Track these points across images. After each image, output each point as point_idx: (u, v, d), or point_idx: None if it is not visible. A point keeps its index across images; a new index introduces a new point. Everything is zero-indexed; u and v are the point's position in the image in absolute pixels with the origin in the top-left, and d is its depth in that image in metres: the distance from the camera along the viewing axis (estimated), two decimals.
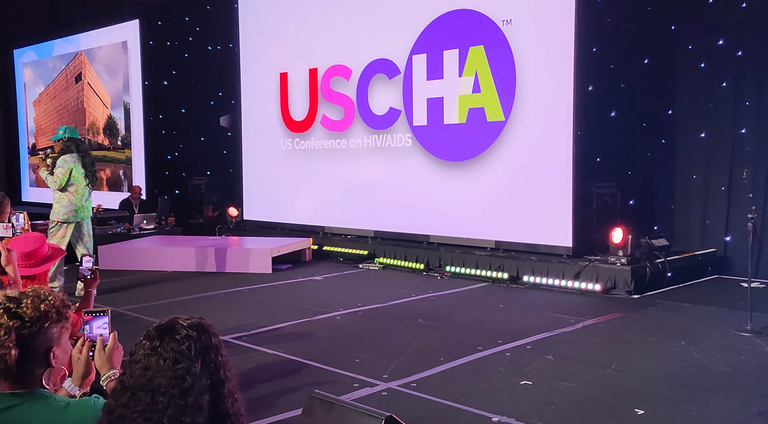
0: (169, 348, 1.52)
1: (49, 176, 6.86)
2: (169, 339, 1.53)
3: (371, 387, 4.22)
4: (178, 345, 1.52)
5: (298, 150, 10.03)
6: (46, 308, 1.86)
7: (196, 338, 1.54)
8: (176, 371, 1.49)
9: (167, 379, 1.49)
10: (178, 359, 1.50)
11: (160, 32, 12.49)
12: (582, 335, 5.39)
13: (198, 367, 1.51)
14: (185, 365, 1.50)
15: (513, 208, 7.70)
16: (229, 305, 6.70)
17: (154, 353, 1.52)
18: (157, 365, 1.50)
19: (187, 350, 1.52)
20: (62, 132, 7.03)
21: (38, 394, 1.84)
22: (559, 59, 7.20)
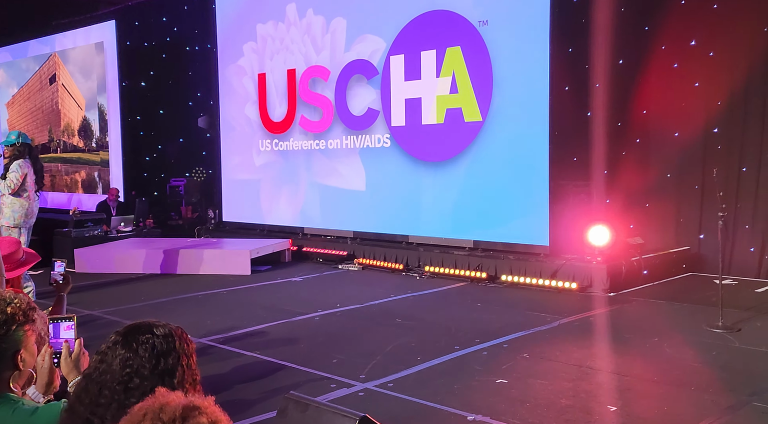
0: (127, 346, 1.52)
1: (2, 181, 6.74)
2: (131, 338, 1.54)
3: (348, 388, 4.23)
4: (136, 345, 1.52)
5: (276, 151, 10.02)
6: (12, 310, 1.85)
7: (157, 341, 1.54)
8: (124, 369, 1.49)
9: (115, 375, 1.49)
10: (130, 358, 1.50)
11: (137, 33, 12.38)
12: (558, 333, 5.46)
13: (148, 370, 1.50)
14: (135, 365, 1.50)
15: (491, 207, 7.76)
16: (208, 306, 6.68)
17: (111, 349, 1.53)
18: (111, 360, 1.51)
19: (142, 351, 1.52)
20: (15, 137, 6.89)
21: (6, 398, 1.83)
22: (535, 59, 7.27)
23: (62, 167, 13.73)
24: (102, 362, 1.53)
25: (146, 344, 1.53)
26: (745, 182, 7.39)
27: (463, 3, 7.82)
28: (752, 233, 7.34)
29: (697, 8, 7.59)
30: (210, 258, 8.53)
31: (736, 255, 7.39)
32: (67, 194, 13.47)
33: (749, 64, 7.27)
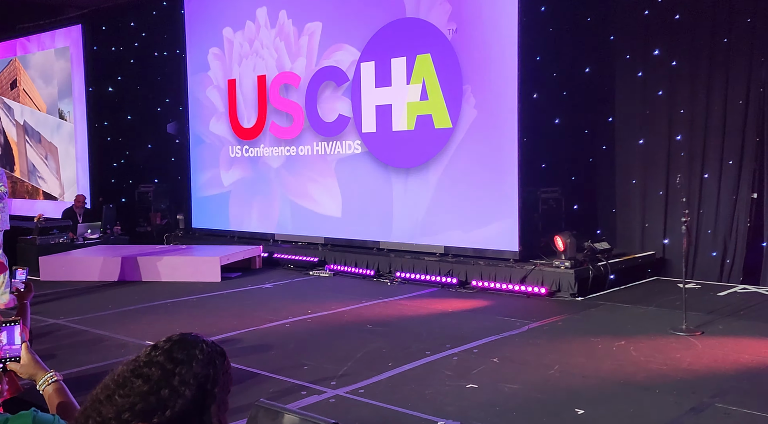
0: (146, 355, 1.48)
1: None
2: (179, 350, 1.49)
3: (319, 394, 4.23)
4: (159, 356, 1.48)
5: (247, 157, 9.97)
6: None
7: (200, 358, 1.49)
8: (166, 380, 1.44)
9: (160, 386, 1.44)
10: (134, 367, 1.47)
11: (104, 37, 12.22)
12: (527, 337, 5.52)
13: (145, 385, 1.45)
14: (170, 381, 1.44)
15: (461, 213, 7.83)
16: (177, 314, 6.61)
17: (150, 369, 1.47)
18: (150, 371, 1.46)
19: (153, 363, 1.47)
20: None
21: None
22: (504, 67, 7.37)
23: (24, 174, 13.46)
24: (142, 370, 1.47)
25: (193, 363, 1.47)
26: (707, 188, 7.57)
27: (433, 11, 7.90)
28: (714, 238, 7.53)
29: (660, 19, 7.78)
30: (179, 265, 8.44)
31: (699, 259, 7.56)
32: (31, 201, 13.20)
33: (710, 74, 7.48)
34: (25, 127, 13.35)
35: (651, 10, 7.84)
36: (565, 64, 8.19)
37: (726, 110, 7.40)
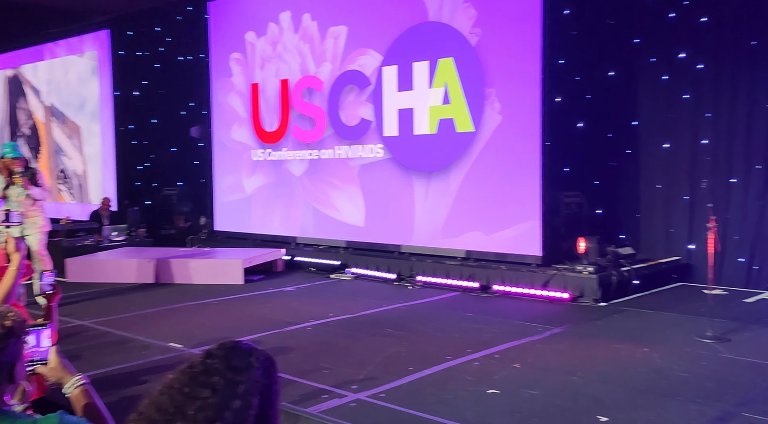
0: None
1: (36, 188, 7.02)
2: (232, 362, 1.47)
3: (340, 398, 4.24)
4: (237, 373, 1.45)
5: (269, 161, 10.04)
6: (11, 324, 1.87)
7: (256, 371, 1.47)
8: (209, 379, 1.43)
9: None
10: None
11: (130, 42, 12.41)
12: (549, 343, 5.48)
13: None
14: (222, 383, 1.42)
15: (483, 217, 7.80)
16: (199, 316, 6.67)
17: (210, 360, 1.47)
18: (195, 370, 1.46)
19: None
20: (18, 149, 7.22)
21: (4, 412, 1.84)
22: (527, 71, 7.34)
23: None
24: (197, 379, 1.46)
25: (246, 370, 1.46)
26: (733, 193, 7.46)
27: (456, 15, 7.89)
28: (741, 244, 7.41)
29: (686, 22, 7.69)
30: (202, 267, 8.52)
31: (725, 265, 7.45)
32: (58, 203, 13.43)
33: (736, 77, 7.37)
34: (51, 108, 13.61)
35: (676, 13, 7.76)
36: (588, 68, 8.13)
37: (753, 113, 7.28)
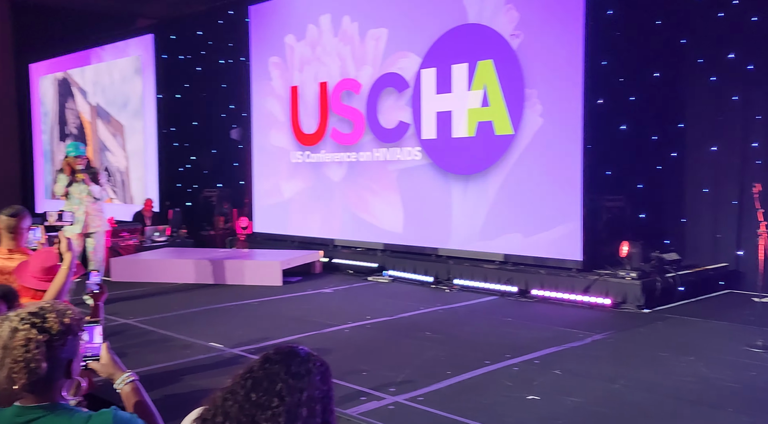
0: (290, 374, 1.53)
1: (98, 187, 7.23)
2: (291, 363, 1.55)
3: (378, 400, 4.22)
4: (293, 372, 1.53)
5: (308, 163, 10.10)
6: (69, 321, 1.92)
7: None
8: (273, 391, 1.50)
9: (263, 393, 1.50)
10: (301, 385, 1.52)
11: (173, 46, 12.65)
12: (590, 349, 5.37)
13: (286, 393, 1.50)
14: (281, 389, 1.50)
15: (522, 221, 7.70)
16: (239, 317, 6.73)
17: (266, 365, 1.54)
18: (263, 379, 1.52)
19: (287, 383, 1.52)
20: (79, 147, 7.36)
21: (62, 406, 1.89)
22: (569, 72, 7.22)
23: None
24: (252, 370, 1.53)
25: (300, 374, 1.53)
26: None
27: (496, 17, 7.82)
28: None
29: (736, 21, 7.47)
30: (242, 269, 8.61)
31: None
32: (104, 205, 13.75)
33: None
34: (97, 108, 13.98)
35: (725, 13, 7.54)
36: (632, 69, 7.96)
37: None
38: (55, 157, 15.14)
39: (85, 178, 7.18)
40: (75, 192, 7.18)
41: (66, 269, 3.35)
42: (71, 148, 7.32)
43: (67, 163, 7.22)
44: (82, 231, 7.16)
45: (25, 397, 1.86)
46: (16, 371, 1.82)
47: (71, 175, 7.18)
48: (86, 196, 7.20)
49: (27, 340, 1.84)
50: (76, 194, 7.18)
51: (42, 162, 15.83)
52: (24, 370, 1.82)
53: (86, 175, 7.21)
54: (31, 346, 1.83)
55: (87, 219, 7.21)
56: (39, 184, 16.01)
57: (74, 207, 7.13)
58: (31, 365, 1.82)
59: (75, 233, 7.05)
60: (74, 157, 7.23)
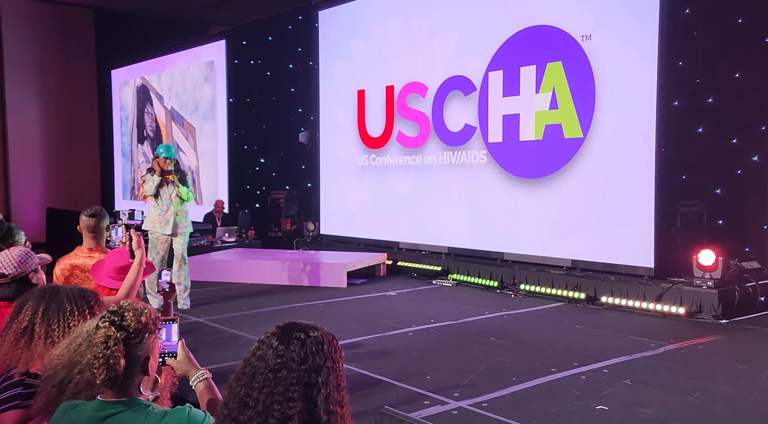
0: (282, 340, 1.69)
1: (186, 189, 7.19)
2: (287, 334, 1.71)
3: (442, 405, 4.20)
4: (290, 340, 1.68)
5: (374, 166, 10.17)
6: (146, 320, 2.00)
7: (309, 340, 1.69)
8: (276, 359, 1.65)
9: (268, 363, 1.65)
10: (282, 350, 1.66)
11: (244, 51, 12.99)
12: (663, 360, 5.19)
13: (296, 364, 1.65)
14: (286, 358, 1.65)
15: (591, 226, 7.51)
16: (304, 318, 6.79)
17: (268, 339, 1.71)
18: (266, 349, 1.69)
19: (294, 347, 1.67)
20: (170, 149, 7.37)
21: (139, 402, 1.97)
22: (642, 74, 7.01)
23: None
24: (259, 349, 1.69)
25: (298, 341, 1.68)
26: None
27: (566, 18, 7.67)
28: None
29: None
30: (308, 270, 8.75)
31: None
32: None
33: None
34: (172, 112, 14.52)
35: None
36: (710, 70, 7.64)
37: None
38: (134, 159, 15.81)
39: (174, 179, 7.16)
40: (164, 193, 7.15)
41: (137, 266, 3.45)
42: (162, 150, 7.27)
43: (157, 164, 7.19)
44: (172, 232, 7.15)
45: (105, 392, 1.95)
46: (97, 367, 1.91)
47: (161, 176, 7.15)
48: (175, 197, 7.17)
49: (106, 337, 1.93)
50: (165, 196, 7.15)
51: (121, 164, 16.54)
52: (103, 366, 1.90)
53: (175, 176, 7.18)
54: (110, 343, 1.92)
55: (176, 220, 7.17)
56: (117, 185, 16.74)
57: (164, 208, 7.13)
58: (110, 362, 1.90)
59: (165, 234, 7.11)
60: (164, 159, 7.17)
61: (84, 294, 2.56)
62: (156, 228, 7.14)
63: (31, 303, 2.45)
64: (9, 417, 2.32)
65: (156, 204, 7.16)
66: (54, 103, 15.54)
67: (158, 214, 7.15)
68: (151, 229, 7.15)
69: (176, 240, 7.24)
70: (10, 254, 2.95)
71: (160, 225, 7.13)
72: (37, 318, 2.40)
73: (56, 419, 1.99)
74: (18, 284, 2.91)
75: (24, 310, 2.44)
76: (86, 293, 2.59)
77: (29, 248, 4.86)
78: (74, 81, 15.78)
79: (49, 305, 2.44)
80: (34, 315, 2.41)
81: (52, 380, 2.05)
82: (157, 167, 7.19)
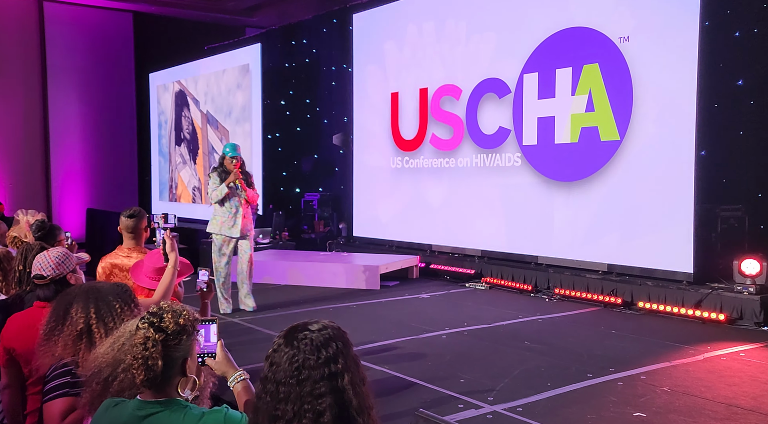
0: (289, 345, 1.72)
1: (250, 192, 7.08)
2: (291, 338, 1.74)
3: (476, 409, 4.19)
4: (297, 342, 1.72)
5: (407, 168, 10.17)
6: (184, 321, 2.04)
7: (313, 335, 1.73)
8: (292, 365, 1.68)
9: (287, 372, 1.68)
10: (294, 355, 1.69)
11: (279, 54, 13.12)
12: (703, 367, 5.08)
13: (313, 361, 1.68)
14: (300, 359, 1.68)
15: (628, 230, 7.40)
16: (338, 319, 6.83)
17: (277, 351, 1.73)
18: (279, 360, 1.71)
19: (303, 346, 1.71)
20: (236, 148, 7.19)
21: (177, 402, 2.01)
22: (681, 75, 6.89)
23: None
24: (272, 364, 1.72)
25: (306, 339, 1.71)
26: None
27: (604, 19, 7.58)
28: None
29: None
30: (341, 272, 8.79)
31: None
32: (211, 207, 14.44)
33: None
34: (207, 115, 14.75)
35: None
36: (754, 71, 7.46)
37: None
38: (172, 159, 16.08)
39: (240, 181, 6.98)
40: (231, 196, 6.99)
41: (171, 269, 3.48)
42: (228, 149, 7.05)
43: (221, 164, 7.01)
44: (240, 235, 7.02)
45: (145, 392, 2.00)
46: (136, 368, 1.95)
47: (228, 175, 6.98)
48: (243, 199, 7.03)
49: (145, 338, 1.97)
50: (232, 198, 6.99)
51: (158, 164, 16.84)
52: (142, 367, 1.95)
53: (240, 179, 6.98)
54: (149, 344, 1.96)
55: (243, 223, 7.04)
56: (155, 186, 17.03)
57: (232, 210, 6.98)
58: (149, 363, 1.95)
59: (233, 236, 7.03)
60: (231, 158, 6.98)
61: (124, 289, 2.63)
62: (223, 231, 7.03)
63: (79, 305, 2.51)
64: (57, 405, 2.40)
65: (222, 207, 7.02)
66: (94, 106, 15.91)
67: (225, 217, 7.03)
68: (217, 232, 7.06)
69: (243, 243, 7.12)
70: (48, 256, 3.01)
71: (227, 228, 7.02)
72: (92, 320, 2.47)
73: (99, 416, 2.04)
74: (56, 285, 2.97)
75: (74, 312, 2.49)
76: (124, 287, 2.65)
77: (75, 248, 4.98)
78: (114, 84, 16.14)
79: (98, 304, 2.51)
80: (88, 317, 2.48)
81: (97, 378, 2.11)
82: (229, 165, 6.98)
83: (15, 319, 2.94)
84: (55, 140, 15.43)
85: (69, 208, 15.55)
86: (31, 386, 2.79)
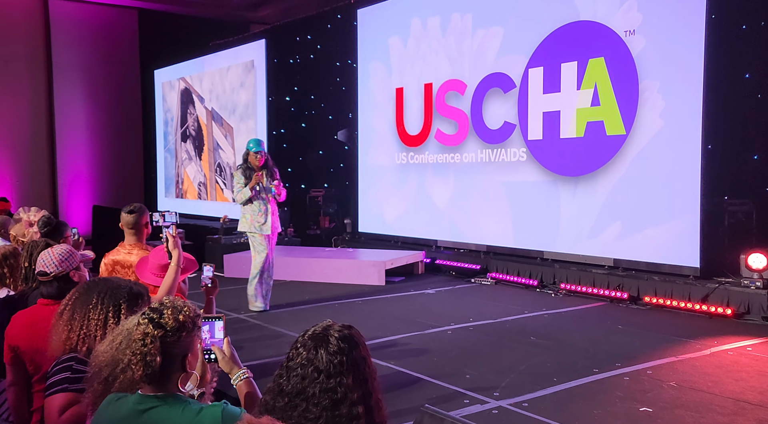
0: (325, 360, 1.66)
1: (272, 187, 6.94)
2: (324, 351, 1.68)
3: (482, 404, 4.18)
4: (332, 358, 1.67)
5: (412, 164, 10.16)
6: (184, 318, 2.04)
7: (347, 351, 1.68)
8: (329, 383, 1.64)
9: (321, 390, 1.64)
10: (331, 373, 1.65)
11: (283, 50, 13.10)
12: (710, 362, 5.06)
13: (349, 380, 1.64)
14: (338, 378, 1.64)
15: (634, 225, 7.37)
16: (343, 315, 6.88)
17: (309, 364, 1.68)
18: (312, 376, 1.66)
19: (339, 365, 1.66)
20: (260, 143, 7.02)
21: (176, 397, 2.01)
22: (687, 69, 6.84)
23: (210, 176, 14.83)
24: (303, 378, 1.69)
25: (340, 356, 1.69)
26: None
27: (609, 13, 7.54)
28: None
29: None
30: (346, 268, 8.79)
31: None
32: (218, 203, 14.48)
33: None
34: (212, 112, 14.77)
35: None
36: (761, 64, 7.41)
37: None
38: (178, 155, 16.11)
39: (263, 177, 6.81)
40: (256, 196, 6.89)
41: (174, 267, 3.48)
42: (252, 144, 6.88)
43: (245, 160, 6.90)
44: (271, 232, 6.90)
45: (144, 386, 2.00)
46: (134, 364, 1.96)
47: (254, 171, 6.82)
48: (270, 196, 6.92)
49: (144, 334, 1.98)
50: (259, 195, 6.91)
51: (164, 161, 16.86)
52: (140, 363, 1.96)
53: (264, 174, 6.82)
54: (147, 340, 1.97)
55: (272, 220, 6.92)
56: (160, 182, 17.07)
57: (261, 208, 6.87)
58: (147, 359, 1.95)
59: (264, 233, 6.91)
60: (255, 153, 6.82)
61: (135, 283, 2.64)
62: (254, 229, 6.94)
63: (103, 305, 2.50)
64: (56, 400, 2.41)
65: (252, 204, 6.92)
66: (99, 103, 15.95)
67: (255, 214, 6.93)
68: (248, 230, 6.98)
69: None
70: (52, 253, 3.01)
71: (257, 225, 6.93)
72: (122, 316, 2.47)
73: (101, 410, 2.05)
74: (60, 282, 2.96)
75: (96, 309, 2.49)
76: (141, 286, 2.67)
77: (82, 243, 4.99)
78: (119, 81, 16.17)
79: (129, 303, 2.51)
80: (117, 313, 2.48)
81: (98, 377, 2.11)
82: (253, 161, 6.83)
83: (19, 317, 2.94)
84: (61, 137, 15.48)
85: (75, 205, 15.60)
86: (36, 383, 2.80)
